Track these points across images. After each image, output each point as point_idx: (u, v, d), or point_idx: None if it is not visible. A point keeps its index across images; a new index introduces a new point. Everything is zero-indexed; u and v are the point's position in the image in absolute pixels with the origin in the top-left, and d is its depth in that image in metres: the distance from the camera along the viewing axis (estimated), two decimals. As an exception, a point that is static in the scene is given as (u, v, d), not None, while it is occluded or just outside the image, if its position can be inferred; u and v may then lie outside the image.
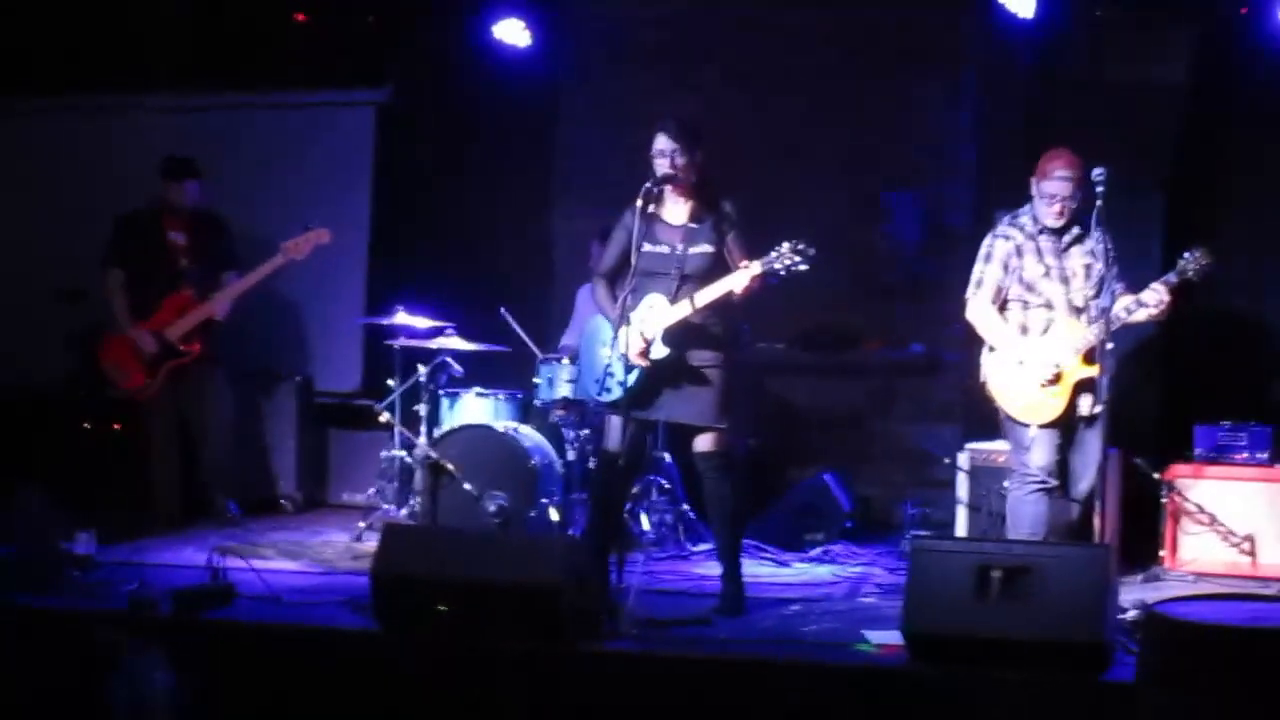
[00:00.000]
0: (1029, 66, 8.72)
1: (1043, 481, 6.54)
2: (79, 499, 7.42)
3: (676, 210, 6.44)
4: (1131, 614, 5.74)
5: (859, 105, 9.03)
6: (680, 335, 6.31)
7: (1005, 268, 6.64)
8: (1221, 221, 8.46)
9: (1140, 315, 6.43)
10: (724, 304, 6.28)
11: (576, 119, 9.51)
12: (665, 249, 6.36)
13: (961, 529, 7.63)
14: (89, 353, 8.42)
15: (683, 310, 6.27)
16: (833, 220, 8.49)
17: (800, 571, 7.57)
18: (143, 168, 8.41)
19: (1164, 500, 7.43)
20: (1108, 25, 8.55)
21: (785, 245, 6.12)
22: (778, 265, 6.13)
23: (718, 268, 6.32)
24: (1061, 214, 6.52)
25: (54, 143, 9.99)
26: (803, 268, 6.12)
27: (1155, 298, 6.38)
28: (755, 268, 6.16)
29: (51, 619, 6.09)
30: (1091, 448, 6.57)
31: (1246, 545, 7.32)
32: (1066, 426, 6.59)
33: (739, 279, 6.18)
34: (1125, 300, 6.41)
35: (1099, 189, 6.10)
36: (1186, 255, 6.42)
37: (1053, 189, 6.49)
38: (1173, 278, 6.41)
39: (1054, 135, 6.92)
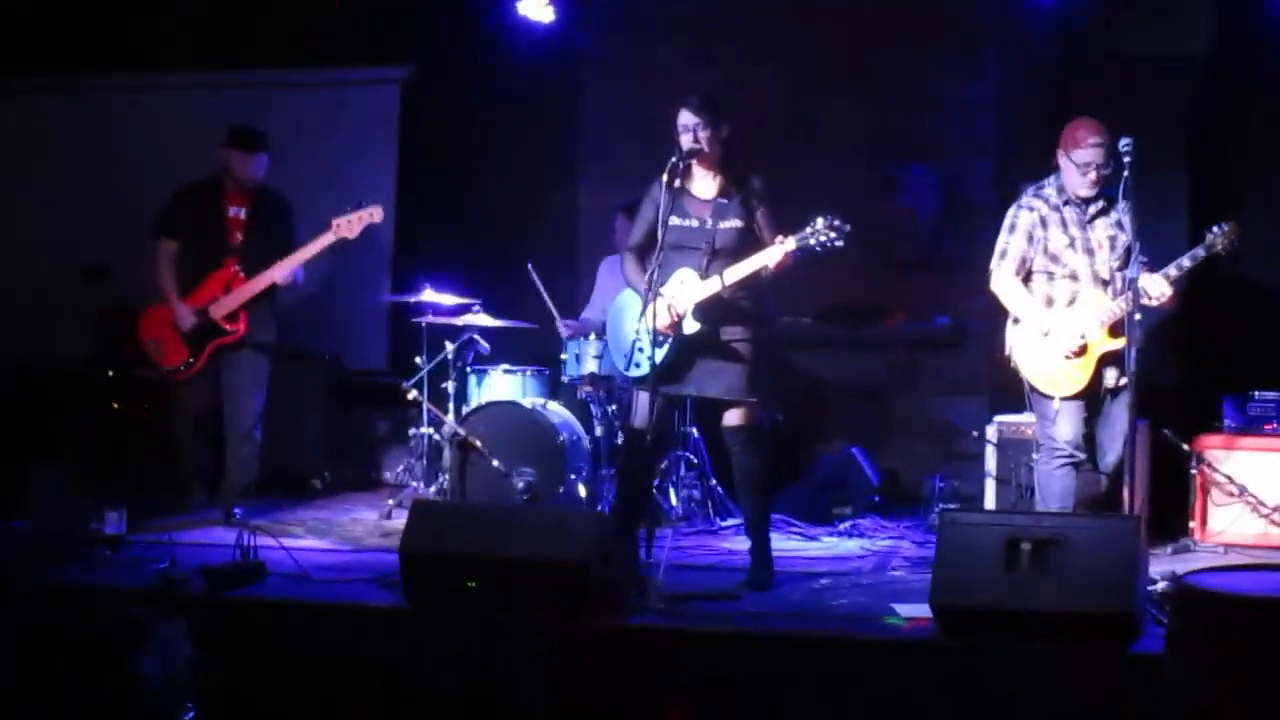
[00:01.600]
0: (1049, 38, 8.66)
1: (1070, 455, 6.51)
2: (107, 479, 7.44)
3: (705, 185, 6.41)
4: (1161, 585, 5.74)
5: (878, 78, 9.01)
6: (711, 310, 6.28)
7: (1029, 239, 6.61)
8: (1246, 192, 8.42)
9: (1148, 301, 6.35)
10: (754, 279, 6.24)
11: (597, 92, 9.51)
12: (695, 223, 6.33)
13: (990, 502, 7.63)
14: (128, 329, 8.09)
15: (713, 286, 6.23)
16: (852, 193, 8.45)
17: (828, 545, 7.57)
18: (166, 146, 8.38)
19: (1193, 471, 7.42)
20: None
21: (820, 221, 6.07)
22: (812, 241, 6.08)
23: (747, 243, 6.27)
24: (1096, 183, 6.46)
25: (77, 121, 10.03)
26: (839, 244, 6.08)
27: (1157, 289, 6.32)
28: (790, 244, 6.10)
29: (79, 596, 6.12)
30: (1118, 420, 6.51)
31: (1277, 516, 7.30)
32: (1093, 399, 6.56)
33: (773, 255, 6.13)
34: (1146, 280, 6.32)
35: (1125, 159, 6.05)
36: (1214, 230, 6.38)
37: (1087, 157, 6.42)
38: (1200, 252, 6.37)
39: (1074, 107, 6.88)
